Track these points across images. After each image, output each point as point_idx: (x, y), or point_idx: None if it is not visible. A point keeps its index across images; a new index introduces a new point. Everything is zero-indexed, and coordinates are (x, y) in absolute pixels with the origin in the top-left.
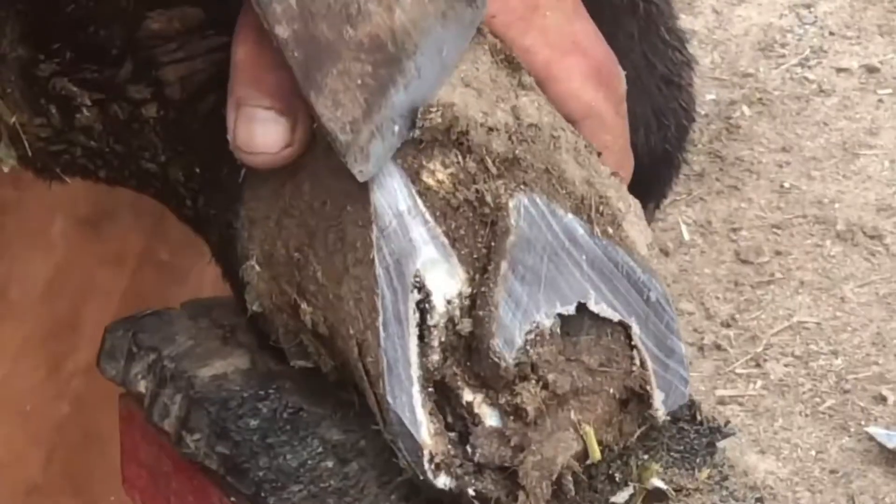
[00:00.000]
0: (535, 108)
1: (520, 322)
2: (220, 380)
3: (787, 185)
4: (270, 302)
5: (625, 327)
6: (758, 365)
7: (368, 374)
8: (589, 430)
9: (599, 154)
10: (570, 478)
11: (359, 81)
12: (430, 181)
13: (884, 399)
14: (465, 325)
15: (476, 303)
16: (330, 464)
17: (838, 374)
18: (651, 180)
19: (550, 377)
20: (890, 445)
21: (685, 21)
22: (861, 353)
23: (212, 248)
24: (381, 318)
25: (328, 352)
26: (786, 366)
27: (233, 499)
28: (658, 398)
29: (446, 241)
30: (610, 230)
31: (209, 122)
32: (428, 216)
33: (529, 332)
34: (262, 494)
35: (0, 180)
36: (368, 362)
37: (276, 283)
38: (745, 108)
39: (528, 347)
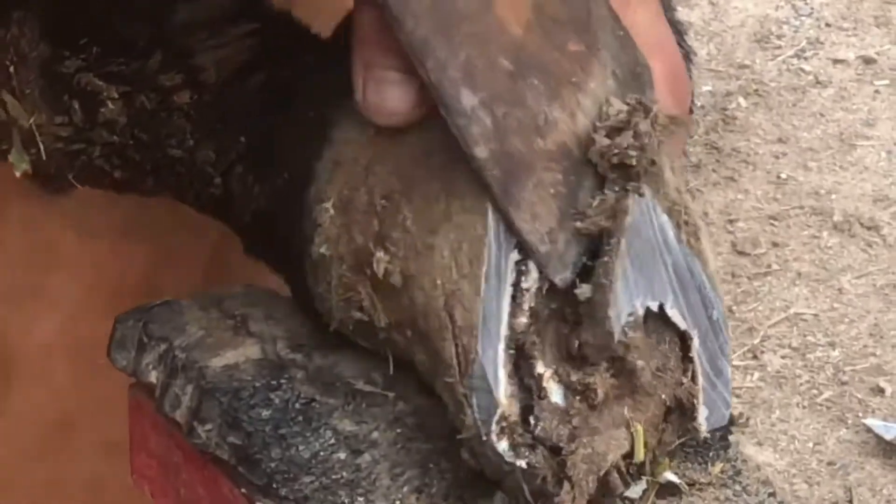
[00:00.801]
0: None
1: (627, 302)
2: (232, 370)
3: (783, 176)
4: (336, 249)
5: (686, 338)
6: (755, 357)
7: (454, 325)
8: (640, 429)
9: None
10: (616, 475)
11: (552, 191)
12: None
13: (881, 391)
14: (585, 291)
15: (596, 272)
16: (342, 455)
17: (836, 365)
18: None
19: (639, 364)
20: (887, 437)
21: (682, 13)
22: (858, 344)
23: (250, 217)
24: (484, 269)
25: (391, 305)
26: (783, 357)
27: (244, 490)
28: (702, 414)
29: None
30: (692, 241)
31: (258, 96)
32: None
33: (630, 314)
34: (274, 485)
35: None
36: (458, 313)
37: (348, 229)
38: (741, 100)
39: (626, 329)
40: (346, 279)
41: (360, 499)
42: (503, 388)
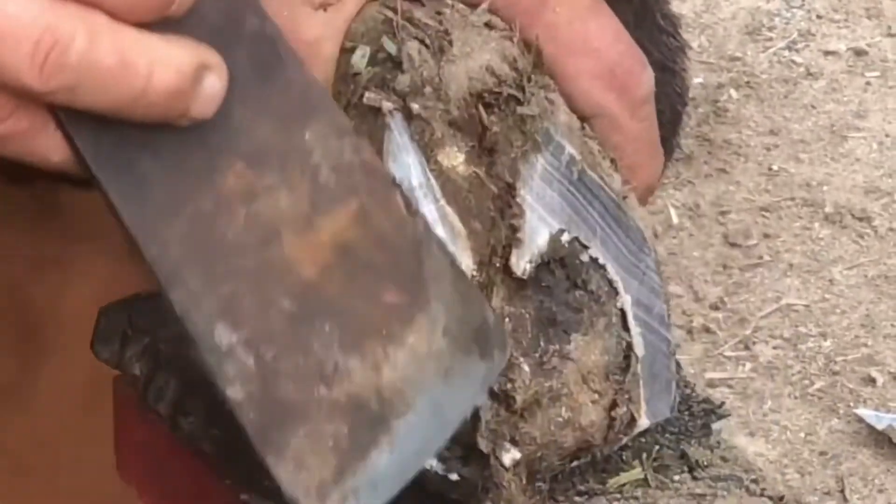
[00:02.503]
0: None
1: None
2: None
3: (775, 167)
4: None
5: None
6: (747, 347)
7: None
8: None
9: (612, 161)
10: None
11: (331, 443)
12: (445, 163)
13: (873, 381)
14: None
15: None
16: None
17: (827, 356)
18: None
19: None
20: (879, 427)
21: (673, 5)
22: (850, 335)
23: None
24: None
25: None
26: (775, 348)
27: (227, 481)
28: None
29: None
30: None
31: None
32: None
33: None
34: (257, 476)
35: None
36: None
37: None
38: (732, 92)
39: None
40: None
41: None
42: None
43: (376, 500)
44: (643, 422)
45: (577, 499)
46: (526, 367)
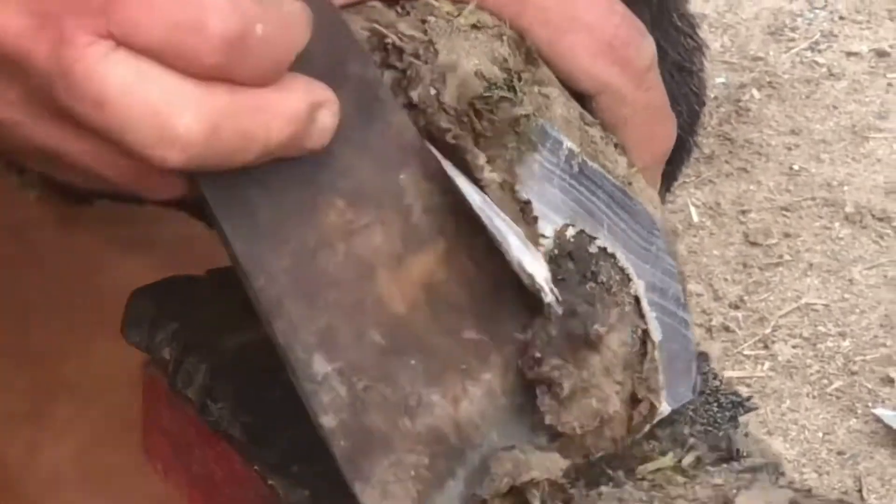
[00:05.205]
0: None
1: None
2: (245, 349)
3: (796, 167)
4: None
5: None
6: (766, 346)
7: None
8: None
9: (616, 145)
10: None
11: (412, 473)
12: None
13: (891, 381)
14: None
15: None
16: None
17: (846, 355)
18: None
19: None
20: None
21: (696, 4)
22: (869, 334)
23: None
24: None
25: None
26: (794, 347)
27: (256, 467)
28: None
29: None
30: None
31: None
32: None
33: None
34: (286, 463)
35: None
36: None
37: None
38: (754, 92)
39: None
40: None
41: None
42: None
43: None
44: (664, 408)
45: (603, 488)
46: (561, 358)
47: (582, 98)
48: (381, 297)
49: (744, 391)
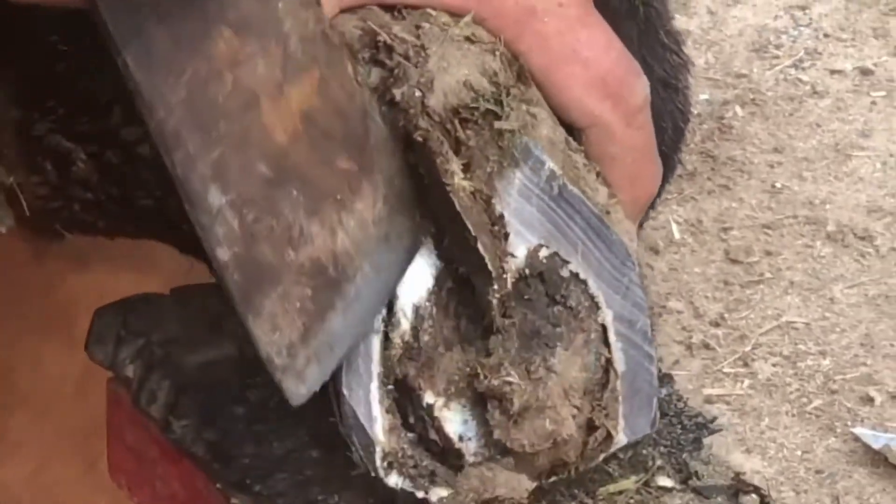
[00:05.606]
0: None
1: None
2: (209, 367)
3: (778, 185)
4: None
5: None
6: (745, 364)
7: None
8: None
9: (598, 174)
10: None
11: (298, 305)
12: None
13: (871, 400)
14: None
15: None
16: (315, 453)
17: (826, 374)
18: None
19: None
20: (876, 446)
21: (680, 21)
22: (849, 353)
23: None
24: None
25: None
26: (774, 365)
27: (219, 485)
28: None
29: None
30: None
31: None
32: None
33: None
34: (248, 481)
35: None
36: None
37: None
38: (738, 109)
39: None
40: None
41: (335, 496)
42: (379, 425)
43: (332, 361)
44: (620, 437)
45: None
46: (516, 375)
47: (572, 133)
48: (265, 126)
49: (723, 409)
